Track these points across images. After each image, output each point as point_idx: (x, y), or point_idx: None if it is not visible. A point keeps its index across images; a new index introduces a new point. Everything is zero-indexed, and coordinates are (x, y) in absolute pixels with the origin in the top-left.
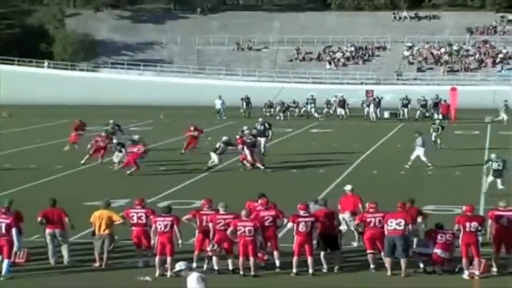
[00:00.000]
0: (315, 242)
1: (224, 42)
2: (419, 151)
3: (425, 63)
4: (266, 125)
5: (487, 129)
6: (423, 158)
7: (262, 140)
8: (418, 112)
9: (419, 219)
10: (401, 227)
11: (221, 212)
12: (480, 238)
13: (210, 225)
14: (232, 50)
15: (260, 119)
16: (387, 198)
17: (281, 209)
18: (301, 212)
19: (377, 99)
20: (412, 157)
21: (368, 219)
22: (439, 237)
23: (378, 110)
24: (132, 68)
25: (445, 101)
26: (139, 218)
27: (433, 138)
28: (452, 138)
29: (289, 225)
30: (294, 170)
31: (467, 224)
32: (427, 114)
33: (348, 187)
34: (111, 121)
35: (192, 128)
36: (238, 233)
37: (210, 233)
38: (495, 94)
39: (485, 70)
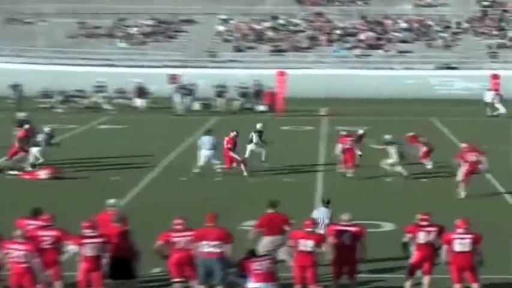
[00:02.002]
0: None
1: None
2: (206, 153)
3: (244, 41)
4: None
5: (321, 123)
6: (202, 160)
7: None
8: (238, 103)
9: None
10: (219, 249)
11: None
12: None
13: None
14: None
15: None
16: (199, 211)
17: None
18: (87, 232)
19: (186, 87)
20: (200, 163)
21: (174, 239)
22: (256, 267)
23: (188, 101)
24: None
25: (270, 88)
26: None
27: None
28: (278, 135)
29: (73, 248)
30: (76, 178)
31: (302, 242)
32: (247, 106)
33: (111, 201)
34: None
35: None
36: (11, 259)
37: None
38: (331, 79)
39: (319, 49)
